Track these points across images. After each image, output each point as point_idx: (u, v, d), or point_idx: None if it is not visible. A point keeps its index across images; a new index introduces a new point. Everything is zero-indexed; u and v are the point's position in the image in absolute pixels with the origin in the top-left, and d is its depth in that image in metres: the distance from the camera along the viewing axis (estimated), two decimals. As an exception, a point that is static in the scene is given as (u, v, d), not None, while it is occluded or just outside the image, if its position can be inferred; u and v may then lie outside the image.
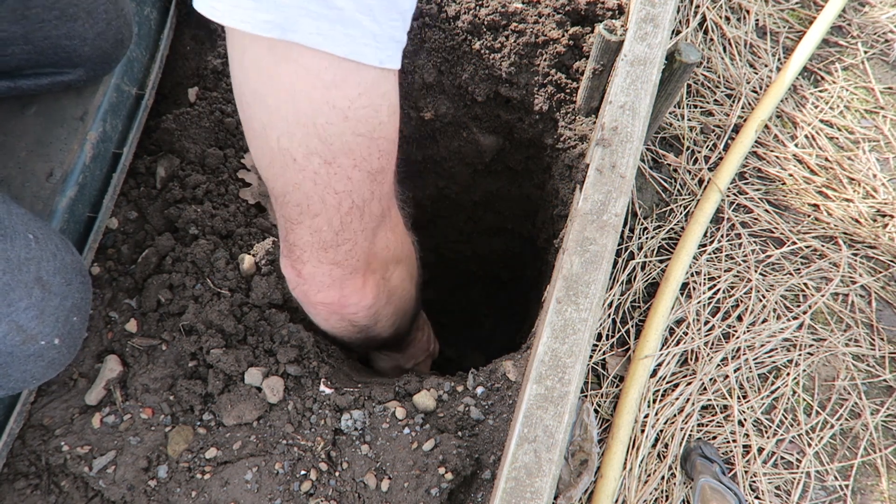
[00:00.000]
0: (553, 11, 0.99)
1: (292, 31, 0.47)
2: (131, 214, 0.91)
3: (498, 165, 1.27)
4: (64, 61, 0.77)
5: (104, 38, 0.77)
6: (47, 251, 0.64)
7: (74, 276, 0.67)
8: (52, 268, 0.64)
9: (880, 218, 1.15)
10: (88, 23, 0.74)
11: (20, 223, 0.62)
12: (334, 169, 0.56)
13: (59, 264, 0.65)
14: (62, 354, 0.67)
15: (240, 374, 0.80)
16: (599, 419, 0.96)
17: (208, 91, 0.99)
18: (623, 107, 0.81)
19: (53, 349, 0.65)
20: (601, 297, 0.72)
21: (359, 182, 0.58)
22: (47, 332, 0.63)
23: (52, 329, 0.64)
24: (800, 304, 1.07)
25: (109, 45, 0.79)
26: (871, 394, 1.01)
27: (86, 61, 0.79)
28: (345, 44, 0.49)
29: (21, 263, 0.60)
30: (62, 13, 0.72)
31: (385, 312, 0.80)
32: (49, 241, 0.65)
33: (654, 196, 1.14)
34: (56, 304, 0.64)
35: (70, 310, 0.66)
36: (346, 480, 0.75)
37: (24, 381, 0.65)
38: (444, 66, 1.04)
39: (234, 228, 0.91)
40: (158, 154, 0.95)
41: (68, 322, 0.66)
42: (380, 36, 0.51)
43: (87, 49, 0.77)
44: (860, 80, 1.28)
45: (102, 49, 0.78)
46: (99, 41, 0.77)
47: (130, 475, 0.75)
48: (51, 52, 0.75)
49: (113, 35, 0.78)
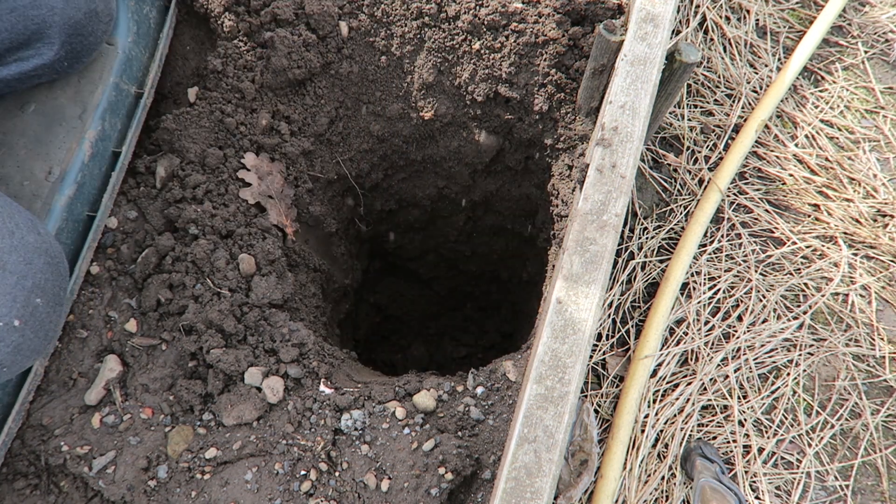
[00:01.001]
0: (553, 11, 0.99)
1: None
2: (131, 214, 0.90)
3: (498, 165, 1.27)
4: (36, 35, 0.75)
5: (74, 5, 0.75)
6: (4, 229, 0.62)
7: (36, 256, 0.65)
8: (6, 245, 0.62)
9: (880, 218, 1.14)
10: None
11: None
12: None
13: (17, 242, 0.63)
14: (27, 339, 0.65)
15: (240, 374, 0.80)
16: (599, 419, 0.96)
17: (208, 91, 0.99)
18: (623, 107, 0.81)
19: (15, 331, 0.63)
20: (601, 297, 0.72)
21: None
22: (3, 312, 0.62)
23: (9, 309, 0.62)
24: (800, 304, 1.07)
25: (82, 15, 0.77)
26: (871, 394, 1.01)
27: (59, 33, 0.76)
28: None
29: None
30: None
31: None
32: (8, 219, 0.63)
33: (654, 196, 1.14)
34: (12, 283, 0.62)
35: (31, 290, 0.64)
36: (346, 480, 0.75)
37: None
38: (444, 66, 1.04)
39: (234, 228, 0.91)
40: (158, 153, 0.94)
41: (29, 303, 0.64)
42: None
43: (58, 18, 0.75)
44: (860, 79, 1.28)
45: (74, 19, 0.76)
46: (69, 10, 0.75)
47: (130, 475, 0.75)
48: (20, 26, 0.73)
49: (84, 3, 0.76)
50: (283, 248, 0.96)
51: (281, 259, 0.92)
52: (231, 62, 1.00)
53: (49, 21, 0.74)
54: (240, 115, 0.99)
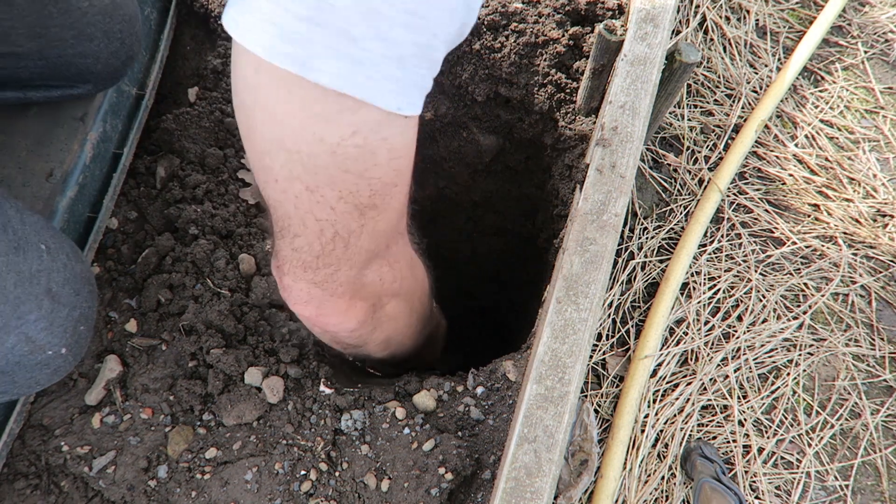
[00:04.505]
0: (553, 11, 0.99)
1: (313, 70, 0.44)
2: (131, 214, 0.91)
3: (498, 165, 1.27)
4: (75, 77, 0.78)
5: (117, 56, 0.78)
6: (58, 262, 0.64)
7: (83, 285, 0.67)
8: (61, 279, 0.64)
9: (880, 218, 1.15)
10: (104, 42, 0.75)
11: (33, 233, 0.62)
12: (316, 197, 0.53)
13: (69, 275, 0.65)
14: (67, 362, 0.67)
15: (240, 374, 0.80)
16: (599, 419, 0.96)
17: (208, 91, 0.99)
18: (623, 107, 0.81)
19: (60, 358, 0.65)
20: (601, 297, 0.72)
21: (343, 214, 0.55)
22: (55, 342, 0.64)
23: (60, 339, 0.64)
24: (800, 304, 1.07)
25: (120, 63, 0.80)
26: (871, 394, 1.01)
27: (96, 77, 0.79)
28: (364, 87, 0.45)
29: (32, 276, 0.60)
30: (79, 33, 0.72)
31: (374, 338, 0.77)
32: (60, 252, 0.65)
33: (654, 196, 1.14)
34: (65, 315, 0.64)
35: (78, 319, 0.66)
36: (346, 480, 0.75)
37: (28, 387, 0.65)
38: (444, 66, 1.04)
39: (234, 228, 0.91)
40: (158, 154, 0.95)
41: (76, 332, 0.66)
42: (403, 81, 0.47)
43: (100, 67, 0.77)
44: (860, 80, 1.28)
45: (114, 66, 0.79)
46: (112, 60, 0.78)
47: (130, 475, 0.75)
48: (64, 68, 0.75)
49: (125, 53, 0.79)
50: (284, 248, 0.96)
51: (281, 259, 0.92)
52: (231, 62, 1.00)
53: (92, 69, 0.77)
54: (240, 116, 0.99)
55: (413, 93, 0.49)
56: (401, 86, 0.47)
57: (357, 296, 0.66)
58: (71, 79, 0.78)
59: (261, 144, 0.51)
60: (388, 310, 0.74)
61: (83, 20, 0.72)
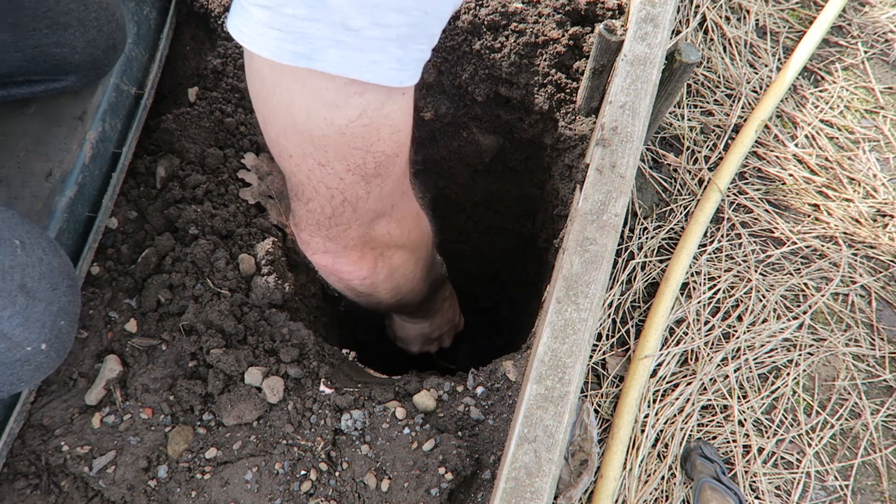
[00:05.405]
0: (553, 11, 0.99)
1: (320, 62, 0.49)
2: (131, 214, 0.90)
3: (498, 165, 1.27)
4: (55, 69, 0.77)
5: (95, 45, 0.77)
6: (33, 257, 0.63)
7: (61, 280, 0.66)
8: (37, 274, 0.63)
9: (880, 218, 1.15)
10: (80, 31, 0.74)
11: (6, 228, 0.61)
12: (327, 170, 0.59)
13: (46, 269, 0.64)
14: (50, 358, 0.66)
15: (240, 374, 0.80)
16: (599, 419, 0.96)
17: (208, 91, 0.99)
18: (623, 107, 0.81)
19: (41, 354, 0.64)
20: (601, 297, 0.72)
21: (351, 183, 0.61)
22: (33, 338, 0.63)
23: (38, 335, 0.63)
24: (800, 304, 1.07)
25: (101, 52, 0.78)
26: (871, 394, 1.01)
27: (77, 68, 0.78)
28: (369, 69, 0.50)
29: (5, 272, 0.59)
30: (53, 22, 0.71)
31: (384, 286, 0.85)
32: (36, 246, 0.64)
33: (654, 196, 1.14)
34: (42, 310, 0.63)
35: (57, 314, 0.65)
36: (346, 480, 0.75)
37: (11, 384, 0.64)
38: (444, 66, 1.04)
39: (234, 228, 0.91)
40: (158, 154, 0.95)
41: (55, 326, 0.65)
42: (404, 59, 0.52)
43: (78, 57, 0.76)
44: (860, 80, 1.28)
45: (93, 56, 0.78)
46: (90, 49, 0.77)
47: (130, 475, 0.75)
48: (41, 59, 0.75)
49: (104, 42, 0.78)
50: (283, 248, 0.96)
51: (281, 259, 0.92)
52: (231, 62, 1.00)
53: (70, 59, 0.77)
54: (240, 115, 0.99)
55: (413, 66, 0.54)
56: (402, 63, 0.52)
57: (367, 247, 0.75)
58: (51, 71, 0.77)
59: (275, 128, 0.58)
60: (396, 259, 0.82)
61: (56, 8, 0.71)
